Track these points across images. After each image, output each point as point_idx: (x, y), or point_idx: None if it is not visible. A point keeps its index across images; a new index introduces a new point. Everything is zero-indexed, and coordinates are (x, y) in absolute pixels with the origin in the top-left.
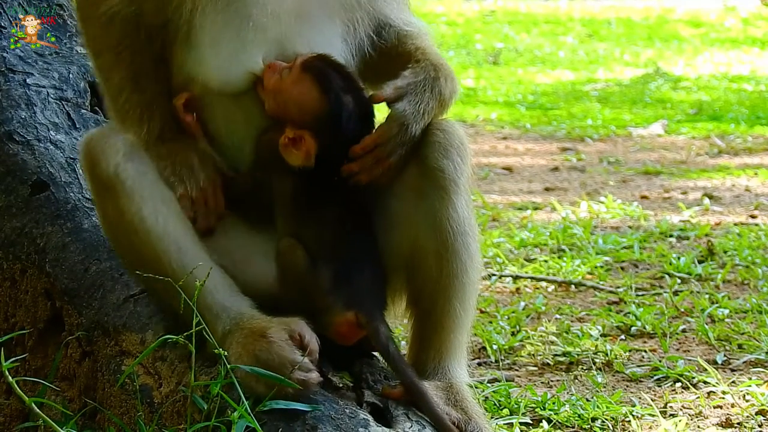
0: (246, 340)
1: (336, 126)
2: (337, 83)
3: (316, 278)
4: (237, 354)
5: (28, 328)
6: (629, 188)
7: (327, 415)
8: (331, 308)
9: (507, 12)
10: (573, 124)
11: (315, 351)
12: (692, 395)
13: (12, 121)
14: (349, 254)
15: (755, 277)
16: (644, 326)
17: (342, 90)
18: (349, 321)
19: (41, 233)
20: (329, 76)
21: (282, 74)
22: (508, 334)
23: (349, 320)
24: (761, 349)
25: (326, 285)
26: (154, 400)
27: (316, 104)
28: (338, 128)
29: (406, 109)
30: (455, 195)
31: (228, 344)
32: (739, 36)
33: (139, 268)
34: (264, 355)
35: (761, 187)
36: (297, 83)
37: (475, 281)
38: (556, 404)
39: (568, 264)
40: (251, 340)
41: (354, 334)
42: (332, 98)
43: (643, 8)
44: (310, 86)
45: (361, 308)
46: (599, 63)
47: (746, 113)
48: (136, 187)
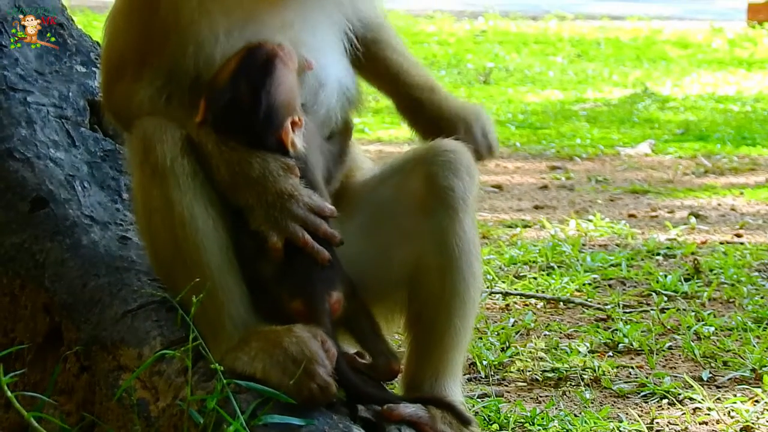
0: (271, 336)
1: (216, 101)
2: (253, 72)
3: (259, 272)
4: (258, 349)
5: (27, 342)
6: (617, 207)
7: (321, 429)
8: (280, 298)
9: (498, 32)
10: (562, 143)
11: (334, 356)
12: (678, 411)
13: (12, 138)
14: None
15: (740, 296)
16: (631, 343)
17: (247, 79)
18: (297, 309)
19: (40, 249)
20: (252, 66)
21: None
22: (497, 350)
23: (297, 308)
24: (746, 366)
25: (270, 276)
26: (151, 414)
27: (223, 76)
28: (218, 104)
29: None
30: (463, 213)
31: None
32: (726, 57)
33: (170, 254)
34: (294, 348)
35: (746, 207)
36: (232, 56)
37: (476, 300)
38: (544, 420)
39: (557, 281)
40: (278, 336)
41: (307, 321)
42: (232, 82)
43: (631, 29)
44: (231, 63)
45: (306, 296)
46: (588, 83)
47: (732, 133)
48: (189, 184)
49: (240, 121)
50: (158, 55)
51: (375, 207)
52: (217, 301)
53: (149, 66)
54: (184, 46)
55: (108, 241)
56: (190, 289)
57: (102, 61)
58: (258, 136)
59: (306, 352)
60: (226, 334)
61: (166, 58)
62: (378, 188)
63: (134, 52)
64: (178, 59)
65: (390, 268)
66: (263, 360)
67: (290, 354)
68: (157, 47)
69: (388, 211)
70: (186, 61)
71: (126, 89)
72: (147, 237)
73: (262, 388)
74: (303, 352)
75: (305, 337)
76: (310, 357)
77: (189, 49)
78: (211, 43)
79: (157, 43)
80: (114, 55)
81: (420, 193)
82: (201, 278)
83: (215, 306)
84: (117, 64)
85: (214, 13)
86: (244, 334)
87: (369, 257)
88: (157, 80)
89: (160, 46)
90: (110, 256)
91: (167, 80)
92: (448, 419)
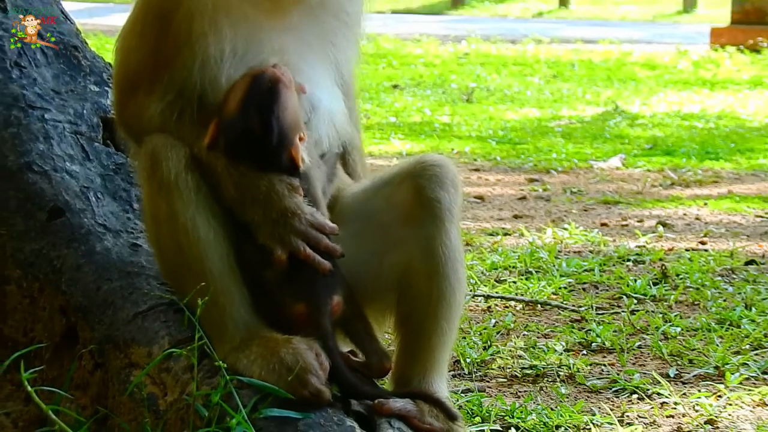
0: (270, 344)
1: (229, 132)
2: (261, 102)
3: (265, 278)
4: (257, 354)
5: (45, 341)
6: (590, 216)
7: (317, 422)
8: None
9: (479, 54)
10: (539, 157)
11: (326, 369)
12: (647, 405)
13: (31, 152)
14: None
15: (705, 299)
16: (604, 342)
17: (257, 109)
18: (300, 311)
19: (57, 255)
20: (258, 95)
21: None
22: (480, 349)
23: (300, 311)
24: (710, 364)
25: (275, 283)
26: (159, 407)
27: (232, 107)
28: (231, 134)
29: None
30: (449, 223)
31: (245, 348)
32: (691, 78)
33: (175, 261)
34: (290, 358)
35: (710, 216)
36: (238, 81)
37: (461, 303)
38: (523, 413)
39: (534, 285)
40: (276, 344)
41: (309, 323)
42: (243, 111)
43: (603, 52)
44: (238, 92)
45: (309, 300)
46: (563, 102)
47: (697, 148)
48: (192, 198)
49: (253, 148)
50: (169, 70)
51: (367, 216)
52: (220, 304)
53: (160, 81)
54: (193, 59)
55: (120, 248)
56: (196, 293)
57: (114, 79)
58: (270, 158)
59: (300, 362)
60: (228, 334)
61: (176, 72)
62: (369, 199)
63: (147, 69)
64: (186, 74)
65: (381, 273)
66: (261, 366)
67: (285, 363)
68: (169, 61)
69: (379, 220)
70: (193, 76)
71: (138, 105)
72: (155, 245)
73: (263, 384)
74: (297, 362)
75: (301, 349)
76: (305, 367)
77: (197, 64)
78: (216, 60)
79: (169, 58)
80: (127, 72)
81: (409, 204)
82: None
83: (218, 309)
84: (131, 81)
85: (223, 27)
86: (245, 336)
87: (361, 263)
88: (168, 95)
89: (171, 60)
90: (122, 261)
91: (177, 95)
92: (435, 413)
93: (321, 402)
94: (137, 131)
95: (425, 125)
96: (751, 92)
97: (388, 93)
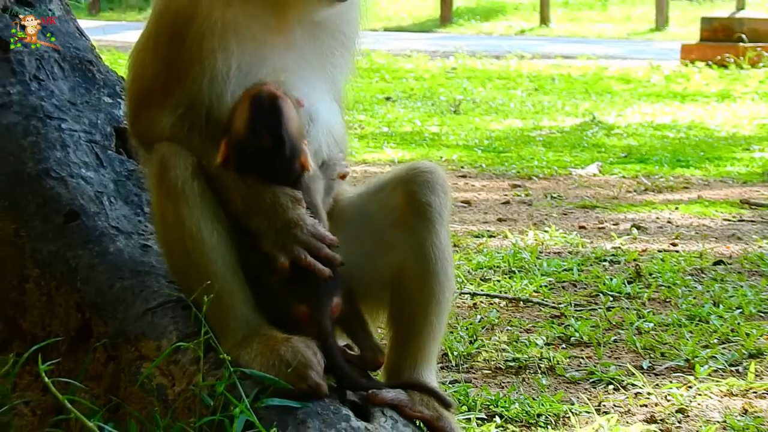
0: (270, 342)
1: (243, 151)
2: (267, 120)
3: (269, 281)
4: (258, 352)
5: (61, 336)
6: (569, 219)
7: (314, 411)
8: (287, 303)
9: (466, 69)
10: (522, 164)
11: (322, 366)
12: (622, 396)
13: (49, 160)
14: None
15: (676, 296)
16: (582, 337)
17: (265, 128)
18: (302, 312)
19: (73, 255)
20: (263, 113)
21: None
22: (466, 343)
23: (303, 311)
24: (681, 357)
25: (279, 285)
26: (168, 397)
27: (240, 127)
28: (245, 153)
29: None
30: (439, 225)
31: (247, 345)
32: (663, 91)
33: (182, 262)
34: (289, 355)
35: (681, 220)
36: (239, 103)
37: (449, 300)
38: (507, 402)
39: (517, 283)
40: (276, 342)
41: (310, 322)
42: (252, 131)
43: (581, 67)
44: (243, 112)
45: (311, 302)
46: (544, 113)
47: (668, 157)
48: (197, 203)
49: (266, 162)
50: (181, 85)
51: (362, 220)
52: (223, 302)
53: (172, 96)
54: (203, 75)
55: (131, 248)
56: (202, 291)
57: (127, 92)
58: (282, 169)
59: (300, 358)
60: (231, 331)
61: (187, 87)
62: (364, 204)
63: (159, 83)
64: (197, 89)
65: (375, 273)
66: (260, 363)
67: (285, 360)
68: (181, 77)
69: (373, 223)
70: (203, 91)
71: (151, 117)
72: (164, 246)
73: (264, 375)
74: (296, 358)
75: (300, 347)
76: (304, 363)
77: (206, 79)
78: (224, 77)
79: (181, 73)
80: (141, 86)
81: (402, 208)
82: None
83: (221, 307)
84: (144, 94)
85: (231, 44)
86: (248, 332)
87: (357, 263)
88: (178, 109)
89: (183, 76)
90: (133, 261)
91: (187, 109)
92: (425, 401)
93: (319, 395)
94: (149, 140)
95: (416, 135)
96: (719, 104)
97: (381, 105)
